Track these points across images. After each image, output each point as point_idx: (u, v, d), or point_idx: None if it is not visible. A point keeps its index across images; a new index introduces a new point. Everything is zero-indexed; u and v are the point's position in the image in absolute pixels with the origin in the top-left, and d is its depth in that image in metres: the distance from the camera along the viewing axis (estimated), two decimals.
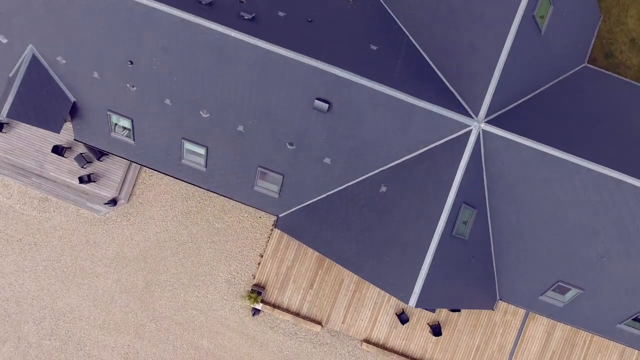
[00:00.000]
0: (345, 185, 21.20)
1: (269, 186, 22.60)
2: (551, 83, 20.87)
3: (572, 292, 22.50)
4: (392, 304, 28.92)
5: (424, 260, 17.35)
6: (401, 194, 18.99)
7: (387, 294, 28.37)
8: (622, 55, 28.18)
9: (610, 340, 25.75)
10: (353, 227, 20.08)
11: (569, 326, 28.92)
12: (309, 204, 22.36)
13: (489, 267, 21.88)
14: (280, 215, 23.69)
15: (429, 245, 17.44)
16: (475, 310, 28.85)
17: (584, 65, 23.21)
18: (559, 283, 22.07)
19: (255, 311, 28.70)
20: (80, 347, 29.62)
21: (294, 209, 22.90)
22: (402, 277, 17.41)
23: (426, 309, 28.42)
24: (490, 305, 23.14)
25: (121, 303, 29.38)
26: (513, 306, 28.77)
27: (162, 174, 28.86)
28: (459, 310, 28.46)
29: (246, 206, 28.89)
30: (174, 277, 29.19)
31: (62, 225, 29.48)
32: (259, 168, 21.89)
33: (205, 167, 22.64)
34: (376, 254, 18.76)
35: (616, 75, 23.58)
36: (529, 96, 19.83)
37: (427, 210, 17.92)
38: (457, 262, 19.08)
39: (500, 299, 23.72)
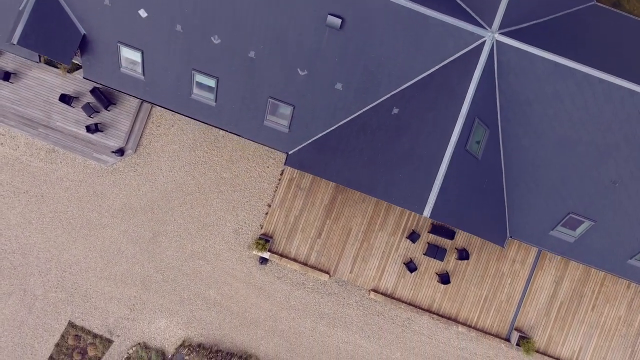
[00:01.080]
0: (357, 113, 21.16)
1: (279, 120, 22.56)
2: (561, 13, 20.90)
3: (584, 226, 22.42)
4: (400, 253, 28.82)
5: (437, 171, 17.29)
6: (413, 112, 18.95)
7: (395, 243, 28.29)
8: (629, 5, 28.28)
9: (620, 277, 25.64)
10: (365, 152, 20.03)
11: (577, 277, 28.83)
12: (319, 138, 22.32)
13: (500, 199, 21.82)
14: (290, 153, 23.64)
15: (442, 157, 17.39)
16: (483, 260, 28.77)
17: (592, 3, 23.27)
18: (571, 215, 22.01)
19: (263, 260, 28.56)
20: (87, 298, 29.45)
21: (304, 144, 22.85)
22: (416, 189, 17.34)
23: (434, 257, 28.32)
24: (501, 241, 23.06)
25: (128, 254, 29.24)
26: (521, 256, 28.70)
27: (169, 124, 28.83)
28: (467, 258, 28.38)
29: (254, 156, 28.85)
30: (181, 227, 29.07)
31: (68, 177, 29.37)
32: (269, 99, 21.85)
33: (215, 101, 22.59)
34: (389, 172, 18.70)
35: (625, 14, 23.63)
36: (540, 20, 19.85)
37: (440, 123, 17.88)
38: (470, 180, 19.02)
39: (511, 237, 23.63)
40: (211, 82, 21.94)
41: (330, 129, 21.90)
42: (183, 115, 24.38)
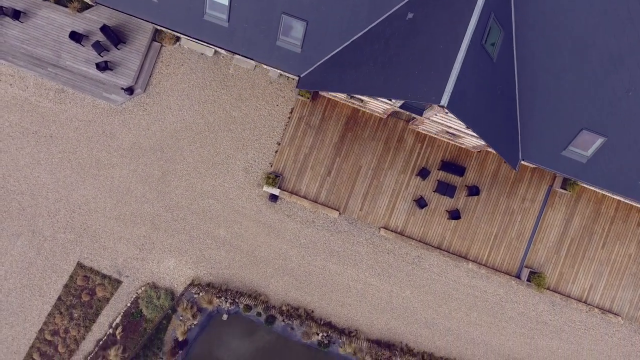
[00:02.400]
0: (370, 26, 21.18)
1: (291, 40, 22.58)
2: None
3: (596, 144, 22.43)
4: (410, 191, 28.78)
5: (454, 62, 17.28)
6: (428, 14, 18.98)
7: (405, 181, 28.26)
8: None
9: (631, 201, 25.62)
10: (379, 59, 20.03)
11: (587, 215, 28.80)
12: (331, 56, 22.33)
13: (513, 111, 21.81)
14: (302, 75, 23.65)
15: (459, 50, 17.37)
16: (493, 198, 28.73)
17: None
18: (583, 130, 22.03)
19: (273, 198, 28.49)
20: (96, 239, 29.35)
21: (316, 65, 22.86)
22: (433, 81, 17.34)
23: (444, 194, 28.26)
24: (514, 163, 23.04)
25: (137, 194, 29.17)
26: (531, 193, 28.66)
27: (178, 64, 28.82)
28: (477, 194, 28.33)
29: (264, 94, 28.84)
30: (190, 166, 29.02)
31: (78, 117, 29.35)
32: (282, 15, 21.88)
33: (228, 21, 22.62)
34: (405, 72, 18.70)
35: None
36: None
37: (456, 20, 17.91)
38: (484, 80, 19.02)
39: (523, 160, 23.62)
40: (224, 0, 21.97)
41: (343, 45, 21.91)
42: (196, 40, 24.39)
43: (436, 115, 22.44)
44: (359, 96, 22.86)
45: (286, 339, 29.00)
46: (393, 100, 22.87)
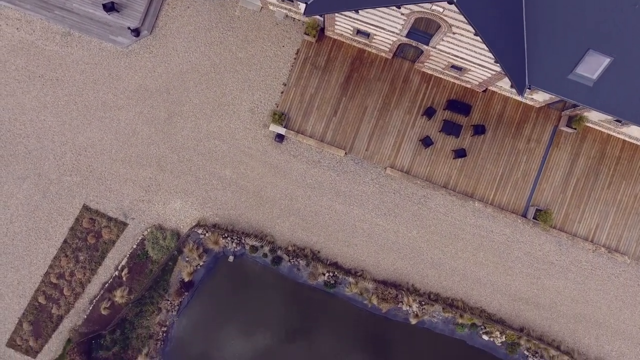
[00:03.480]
0: None
1: None
2: None
3: (602, 65, 22.46)
4: (416, 131, 28.84)
5: None
6: None
7: (411, 121, 28.33)
8: None
9: (636, 140, 25.73)
10: None
11: (592, 155, 28.82)
12: None
13: (520, 36, 21.89)
14: (308, 2, 23.74)
15: None
16: (498, 138, 28.78)
17: None
18: (590, 50, 22.09)
19: (279, 138, 28.54)
20: (102, 181, 29.39)
21: None
22: None
23: (450, 133, 28.29)
24: (520, 87, 23.10)
25: (143, 135, 29.23)
26: (537, 134, 28.70)
27: (185, 6, 28.91)
28: (483, 133, 28.37)
29: (269, 36, 28.93)
30: (196, 107, 29.09)
31: (84, 60, 29.44)
32: None
33: None
34: None
35: None
36: None
37: None
38: None
39: (530, 87, 23.66)
40: None
41: None
42: None
43: (443, 40, 22.53)
44: (368, 18, 22.91)
45: (292, 281, 28.95)
46: (400, 28, 22.99)
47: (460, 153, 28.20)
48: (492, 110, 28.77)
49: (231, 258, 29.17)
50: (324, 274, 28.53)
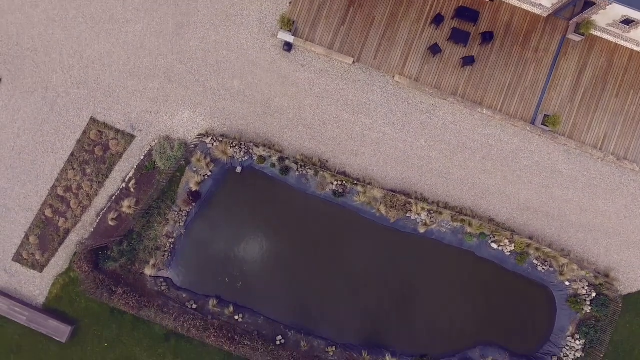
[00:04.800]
0: None
1: None
2: None
3: None
4: (424, 41, 28.92)
5: None
6: None
7: (419, 31, 28.42)
8: None
9: None
10: None
11: (600, 64, 28.90)
12: None
13: None
14: None
15: None
16: (506, 47, 28.88)
17: None
18: None
19: (287, 47, 28.58)
20: (109, 94, 29.41)
21: None
22: None
23: (458, 42, 28.34)
24: None
25: (151, 47, 29.28)
26: (545, 43, 28.80)
27: None
28: (491, 39, 28.43)
29: None
30: (205, 18, 29.16)
31: None
32: None
33: None
34: None
35: None
36: None
37: None
38: None
39: None
40: None
41: None
42: None
43: None
44: None
45: (300, 192, 28.86)
46: None
47: (468, 60, 28.24)
48: (499, 21, 28.90)
49: (239, 169, 29.10)
50: (332, 183, 28.45)
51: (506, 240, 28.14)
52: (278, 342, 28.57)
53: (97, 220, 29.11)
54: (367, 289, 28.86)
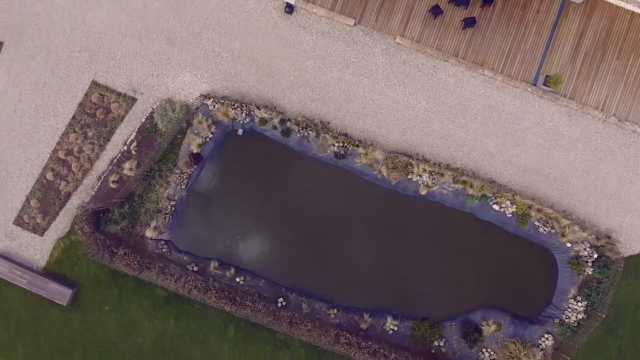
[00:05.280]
0: None
1: None
2: None
3: None
4: (425, 1, 28.94)
5: None
6: None
7: None
8: None
9: None
10: None
11: (600, 27, 28.95)
12: None
13: None
14: None
15: None
16: (507, 9, 28.88)
17: None
18: None
19: (288, 8, 28.61)
20: (111, 57, 29.43)
21: None
22: None
23: (459, 3, 28.35)
24: None
25: (153, 10, 29.32)
26: (546, 4, 28.84)
27: None
28: (491, 2, 28.45)
29: None
30: None
31: None
32: None
33: None
34: None
35: None
36: None
37: None
38: None
39: None
40: None
41: None
42: None
43: None
44: None
45: (302, 154, 28.86)
46: None
47: (469, 22, 28.27)
48: None
49: (240, 131, 29.10)
50: (334, 145, 28.45)
51: (508, 202, 28.12)
52: (279, 304, 28.48)
53: (99, 184, 29.10)
54: (368, 252, 28.83)
